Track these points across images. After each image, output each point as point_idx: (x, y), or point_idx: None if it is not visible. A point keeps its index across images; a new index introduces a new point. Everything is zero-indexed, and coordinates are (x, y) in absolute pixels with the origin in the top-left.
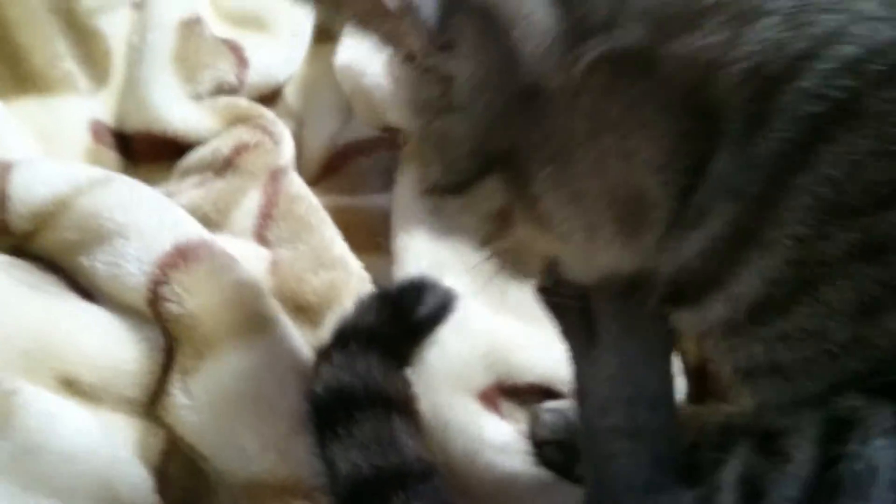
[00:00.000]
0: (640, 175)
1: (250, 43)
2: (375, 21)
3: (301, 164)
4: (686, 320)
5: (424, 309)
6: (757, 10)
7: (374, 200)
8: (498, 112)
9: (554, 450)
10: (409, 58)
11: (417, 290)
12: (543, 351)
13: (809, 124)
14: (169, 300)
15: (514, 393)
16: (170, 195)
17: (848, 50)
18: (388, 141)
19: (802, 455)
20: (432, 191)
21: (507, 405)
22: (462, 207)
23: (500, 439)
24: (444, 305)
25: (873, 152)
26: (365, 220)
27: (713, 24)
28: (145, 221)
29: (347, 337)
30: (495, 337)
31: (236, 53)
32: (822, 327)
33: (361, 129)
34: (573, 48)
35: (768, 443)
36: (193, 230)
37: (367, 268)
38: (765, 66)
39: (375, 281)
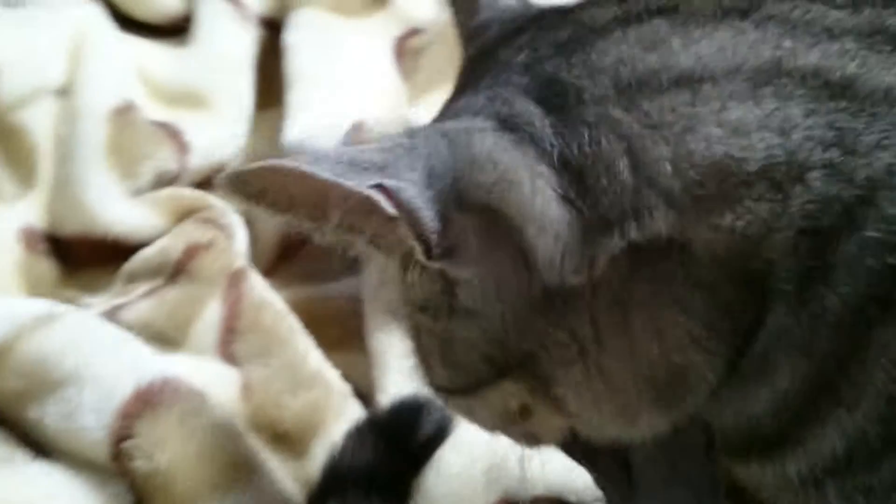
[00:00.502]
0: (675, 351)
1: (190, 124)
2: (367, 226)
3: (255, 250)
4: (756, 474)
5: (422, 434)
6: (802, 166)
7: (341, 288)
8: (513, 316)
9: None
10: (405, 261)
11: (412, 412)
12: (548, 459)
13: (886, 274)
14: (136, 457)
15: None
16: (118, 309)
17: None
18: None
19: None
20: (436, 391)
21: None
22: (471, 406)
23: None
24: (441, 426)
25: None
26: (334, 312)
27: (755, 193)
28: (100, 365)
29: (343, 479)
30: (495, 449)
31: (175, 139)
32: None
33: None
34: (592, 243)
35: None
36: (155, 368)
37: (343, 367)
38: (819, 220)
39: (354, 384)
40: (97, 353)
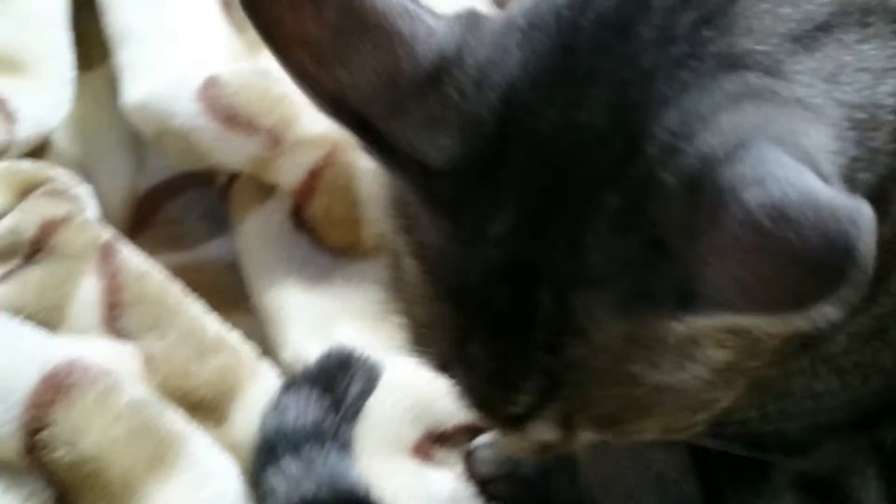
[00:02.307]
0: None
1: (13, 91)
2: None
3: (106, 220)
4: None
5: (355, 383)
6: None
7: (210, 251)
8: None
9: (502, 485)
10: None
11: (341, 363)
12: None
13: None
14: (54, 448)
15: (443, 438)
16: None
17: None
18: (197, 178)
19: (870, 494)
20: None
21: (439, 452)
22: None
23: (447, 490)
24: (371, 374)
25: None
26: (210, 277)
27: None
28: None
29: (291, 435)
30: (413, 386)
31: (0, 108)
32: (875, 360)
33: (162, 168)
34: None
35: (819, 489)
36: (58, 351)
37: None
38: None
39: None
40: None
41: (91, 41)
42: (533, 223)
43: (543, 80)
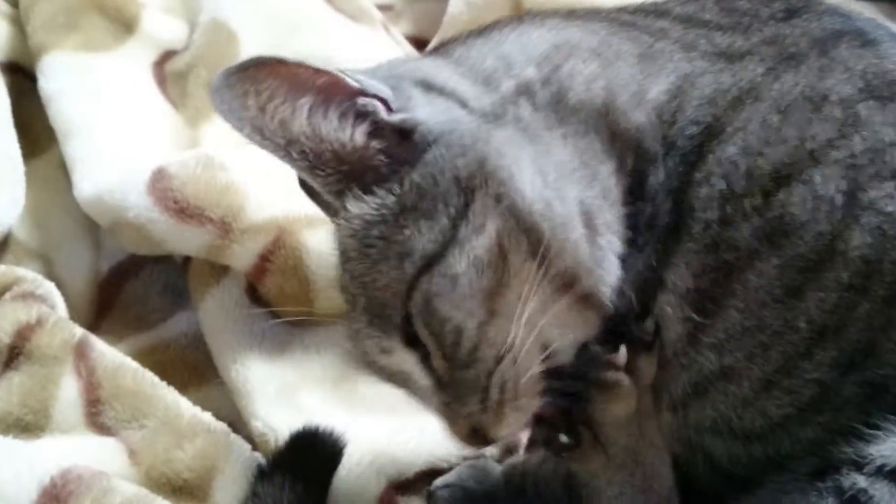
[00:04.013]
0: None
1: None
2: None
3: (70, 309)
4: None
5: (323, 458)
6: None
7: (175, 326)
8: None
9: None
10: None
11: (308, 441)
12: (420, 437)
13: (697, 137)
14: None
15: (405, 486)
16: None
17: (705, 91)
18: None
19: None
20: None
21: (402, 499)
22: (455, 279)
23: None
24: (336, 447)
25: (742, 151)
26: (178, 354)
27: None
28: None
29: None
30: (374, 441)
31: None
32: (758, 318)
33: (120, 248)
34: None
35: None
36: (52, 462)
37: (203, 403)
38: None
39: (219, 416)
40: None
41: (34, 128)
42: None
43: None
